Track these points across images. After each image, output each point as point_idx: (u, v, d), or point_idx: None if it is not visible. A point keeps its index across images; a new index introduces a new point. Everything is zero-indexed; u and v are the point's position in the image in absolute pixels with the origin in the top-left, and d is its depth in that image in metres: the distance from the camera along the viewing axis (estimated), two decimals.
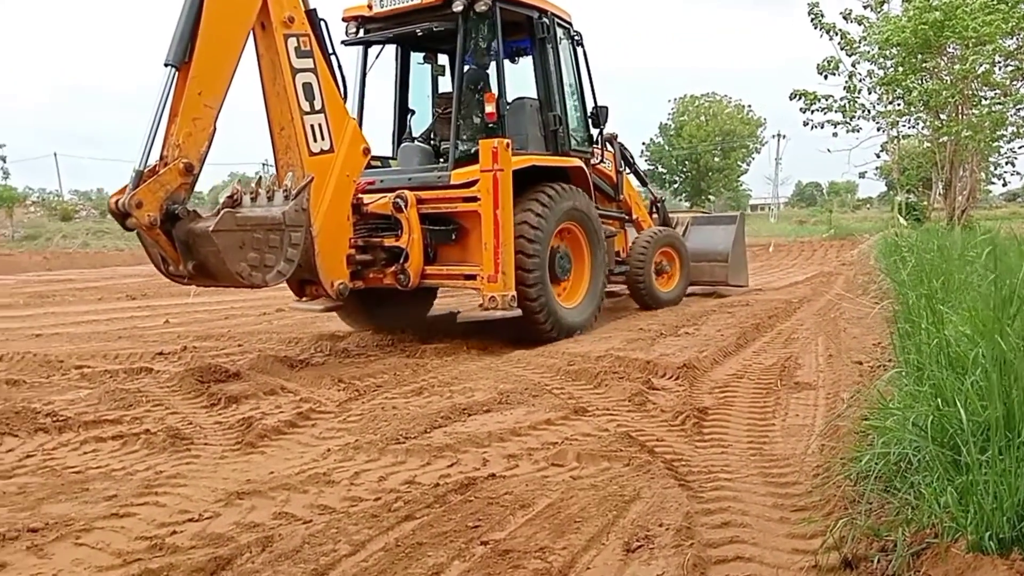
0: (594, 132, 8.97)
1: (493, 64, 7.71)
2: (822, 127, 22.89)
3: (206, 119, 5.58)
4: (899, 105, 22.31)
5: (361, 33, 8.08)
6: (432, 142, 8.36)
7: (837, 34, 21.91)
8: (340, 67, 6.77)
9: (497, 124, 7.42)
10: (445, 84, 8.84)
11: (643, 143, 63.06)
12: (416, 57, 8.74)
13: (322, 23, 6.50)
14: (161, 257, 5.65)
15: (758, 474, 3.58)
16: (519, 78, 8.49)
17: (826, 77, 22.22)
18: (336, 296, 6.61)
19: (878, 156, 26.06)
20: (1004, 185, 33.30)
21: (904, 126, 23.94)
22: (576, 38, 8.59)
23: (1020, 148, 22.96)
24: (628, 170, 10.20)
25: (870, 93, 22.47)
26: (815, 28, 22.00)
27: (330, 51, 6.61)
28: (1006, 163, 23.86)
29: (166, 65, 5.51)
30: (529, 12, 7.88)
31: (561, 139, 8.09)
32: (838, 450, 3.57)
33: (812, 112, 22.53)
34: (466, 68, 7.67)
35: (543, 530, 2.99)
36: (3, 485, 3.70)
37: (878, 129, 23.66)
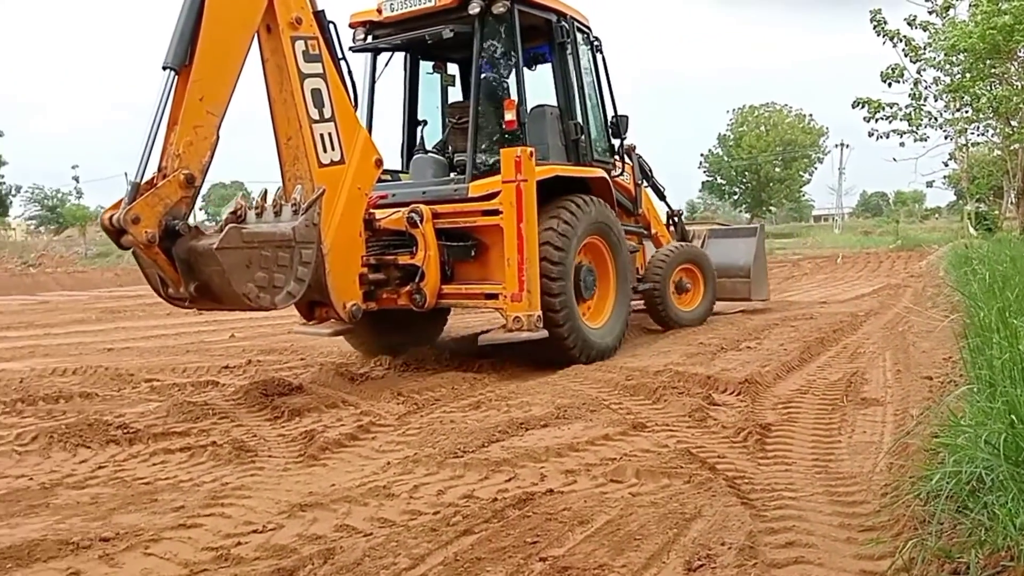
0: (615, 143, 8.60)
1: (512, 70, 7.31)
2: (887, 137, 22.34)
3: (208, 127, 5.17)
4: (967, 112, 21.64)
5: (369, 39, 7.65)
6: (446, 154, 7.89)
7: (901, 41, 21.39)
8: (351, 73, 6.37)
9: (518, 133, 7.06)
10: (455, 94, 8.56)
11: (701, 154, 62.50)
12: (425, 66, 8.35)
13: (331, 26, 6.11)
14: (160, 279, 5.22)
15: (824, 492, 3.49)
16: (535, 87, 8.01)
17: (890, 85, 21.68)
18: (348, 319, 6.15)
19: (946, 165, 25.38)
20: None
21: (973, 134, 23.23)
22: (596, 44, 8.24)
23: None
24: (646, 183, 9.73)
25: (936, 100, 21.84)
26: (878, 35, 21.52)
27: (340, 56, 6.21)
28: None
29: (164, 68, 5.11)
30: (548, 15, 7.55)
31: (583, 149, 7.72)
32: (907, 468, 3.46)
33: (876, 121, 22.00)
34: (483, 75, 7.25)
35: (602, 547, 2.96)
36: (77, 495, 3.83)
37: (946, 137, 23.00)
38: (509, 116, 7.03)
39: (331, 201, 5.89)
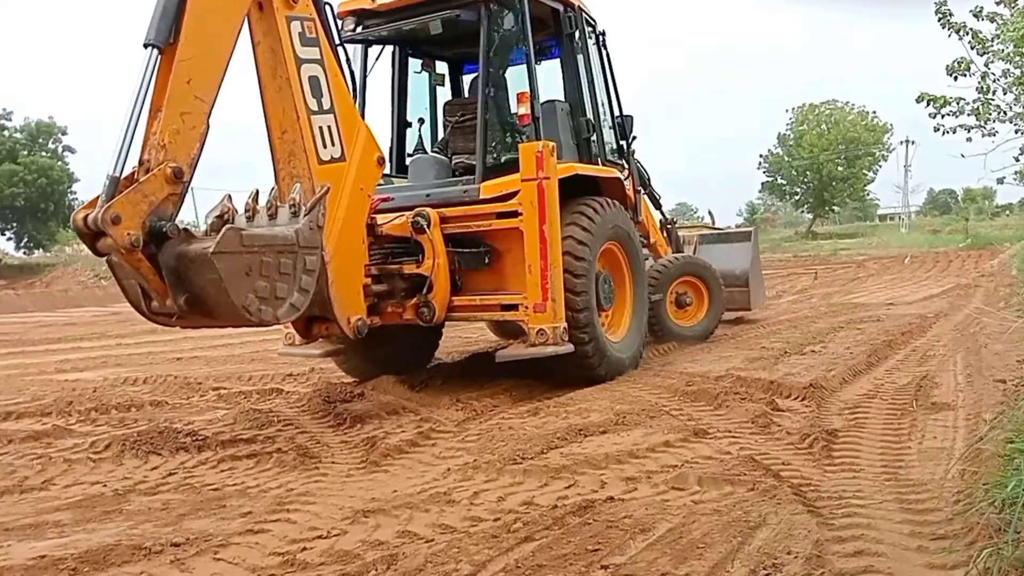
0: (622, 144, 7.93)
1: (521, 62, 6.70)
2: (953, 132, 21.64)
3: (197, 115, 4.46)
4: None
5: (360, 30, 6.89)
6: (445, 155, 7.21)
7: (967, 33, 20.74)
8: (349, 61, 5.73)
9: (530, 129, 6.43)
10: (443, 95, 7.92)
11: (760, 155, 61.46)
12: (414, 64, 7.66)
13: (327, 7, 5.46)
14: (141, 291, 4.46)
15: (893, 500, 3.40)
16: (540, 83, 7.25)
17: (956, 79, 21.00)
18: (353, 335, 5.40)
19: (1017, 160, 24.43)
20: None
21: None
22: (601, 37, 7.60)
23: None
24: (643, 190, 8.74)
25: (1005, 94, 21.10)
26: (943, 28, 20.89)
27: (336, 42, 5.54)
28: None
29: (146, 46, 4.39)
30: (555, 4, 6.96)
31: (595, 148, 7.13)
32: (980, 475, 3.35)
33: (942, 116, 21.34)
34: (490, 67, 6.62)
35: (664, 555, 2.93)
36: (148, 501, 3.95)
37: (1016, 131, 22.16)
38: (523, 110, 6.41)
39: (332, 203, 5.19)
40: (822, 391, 5.58)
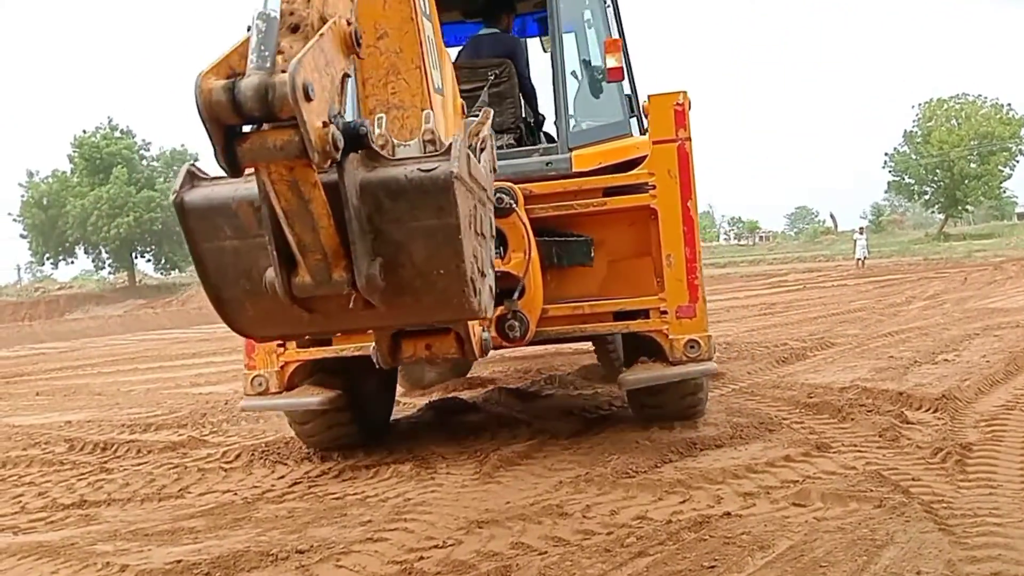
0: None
1: (598, 5, 5.70)
2: None
3: None
4: None
5: None
6: None
7: None
8: None
9: (620, 87, 5.37)
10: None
11: (886, 153, 58.79)
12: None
13: None
14: (278, 257, 2.30)
15: None
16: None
17: None
18: (480, 355, 3.44)
19: None
20: None
21: None
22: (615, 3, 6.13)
23: None
24: None
25: None
26: None
27: None
28: None
29: None
30: None
31: (643, 123, 5.69)
32: None
33: None
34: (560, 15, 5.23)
35: (785, 574, 2.85)
36: (275, 509, 4.13)
37: None
38: (612, 62, 5.06)
39: None
40: (956, 402, 5.28)
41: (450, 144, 2.46)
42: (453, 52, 5.48)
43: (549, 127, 5.90)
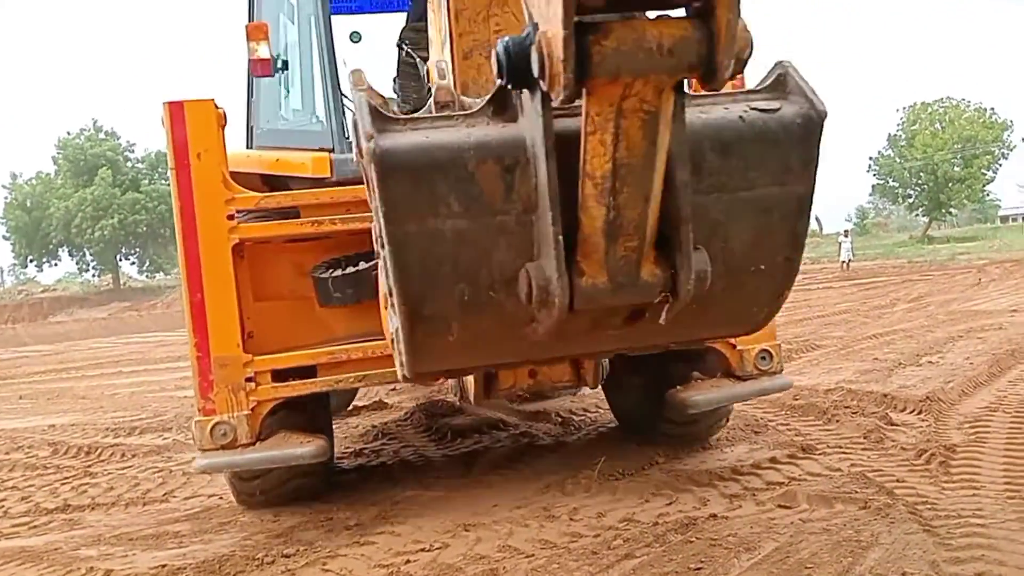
0: None
1: None
2: None
3: None
4: None
5: None
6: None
7: None
8: None
9: None
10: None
11: (870, 157, 59.19)
12: None
13: None
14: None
15: (1016, 520, 3.20)
16: None
17: None
18: (595, 384, 3.65)
19: None
20: None
21: None
22: None
23: None
24: None
25: None
26: None
27: None
28: None
29: None
30: None
31: None
32: None
33: None
34: None
35: (771, 575, 2.85)
36: (261, 513, 4.10)
37: None
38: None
39: None
40: (939, 404, 5.32)
41: (786, 76, 1.74)
42: None
43: None
